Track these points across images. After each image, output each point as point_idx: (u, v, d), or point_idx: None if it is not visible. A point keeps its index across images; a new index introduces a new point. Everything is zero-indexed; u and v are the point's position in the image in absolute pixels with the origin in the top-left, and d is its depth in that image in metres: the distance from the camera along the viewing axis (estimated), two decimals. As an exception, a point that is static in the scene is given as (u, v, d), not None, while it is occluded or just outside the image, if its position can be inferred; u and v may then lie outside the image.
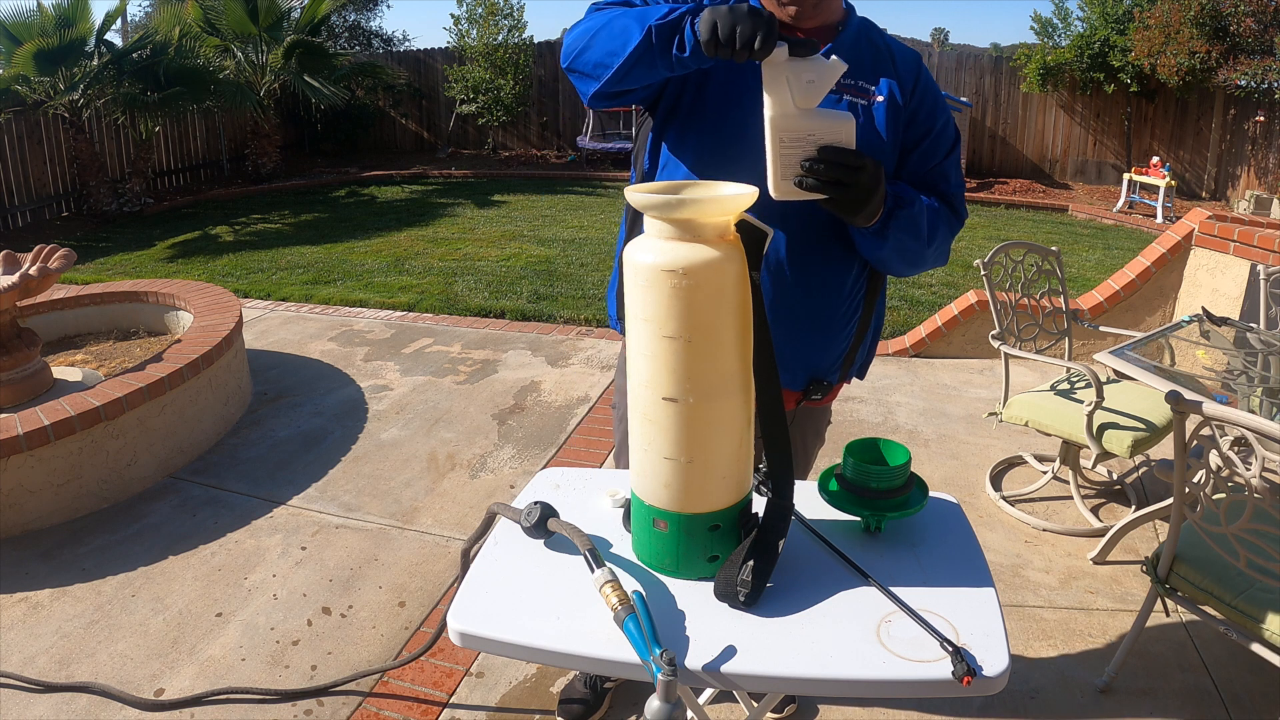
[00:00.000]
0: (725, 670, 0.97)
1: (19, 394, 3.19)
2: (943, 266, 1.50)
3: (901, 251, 1.36)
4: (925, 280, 5.87)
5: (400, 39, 20.52)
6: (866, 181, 1.17)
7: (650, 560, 1.14)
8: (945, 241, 1.41)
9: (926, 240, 1.36)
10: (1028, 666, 2.12)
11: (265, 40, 9.71)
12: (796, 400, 1.54)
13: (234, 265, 6.26)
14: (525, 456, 3.24)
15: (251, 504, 2.90)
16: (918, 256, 1.38)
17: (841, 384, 1.60)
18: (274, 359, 4.20)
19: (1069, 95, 10.44)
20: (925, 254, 1.39)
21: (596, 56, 1.28)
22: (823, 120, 1.14)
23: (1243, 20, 8.44)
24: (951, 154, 1.44)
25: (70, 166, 8.27)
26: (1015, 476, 3.10)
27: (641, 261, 1.02)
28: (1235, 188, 9.45)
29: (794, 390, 1.51)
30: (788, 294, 1.41)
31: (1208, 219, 3.95)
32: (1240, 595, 1.80)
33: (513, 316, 4.99)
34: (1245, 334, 2.75)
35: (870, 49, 1.41)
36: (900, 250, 1.35)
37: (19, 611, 2.35)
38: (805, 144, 1.15)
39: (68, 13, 7.60)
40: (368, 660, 2.16)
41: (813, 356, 1.49)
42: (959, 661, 0.95)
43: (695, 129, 1.41)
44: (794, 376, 1.49)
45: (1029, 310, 3.09)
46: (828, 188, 1.15)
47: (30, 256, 3.19)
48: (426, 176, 10.45)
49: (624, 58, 1.23)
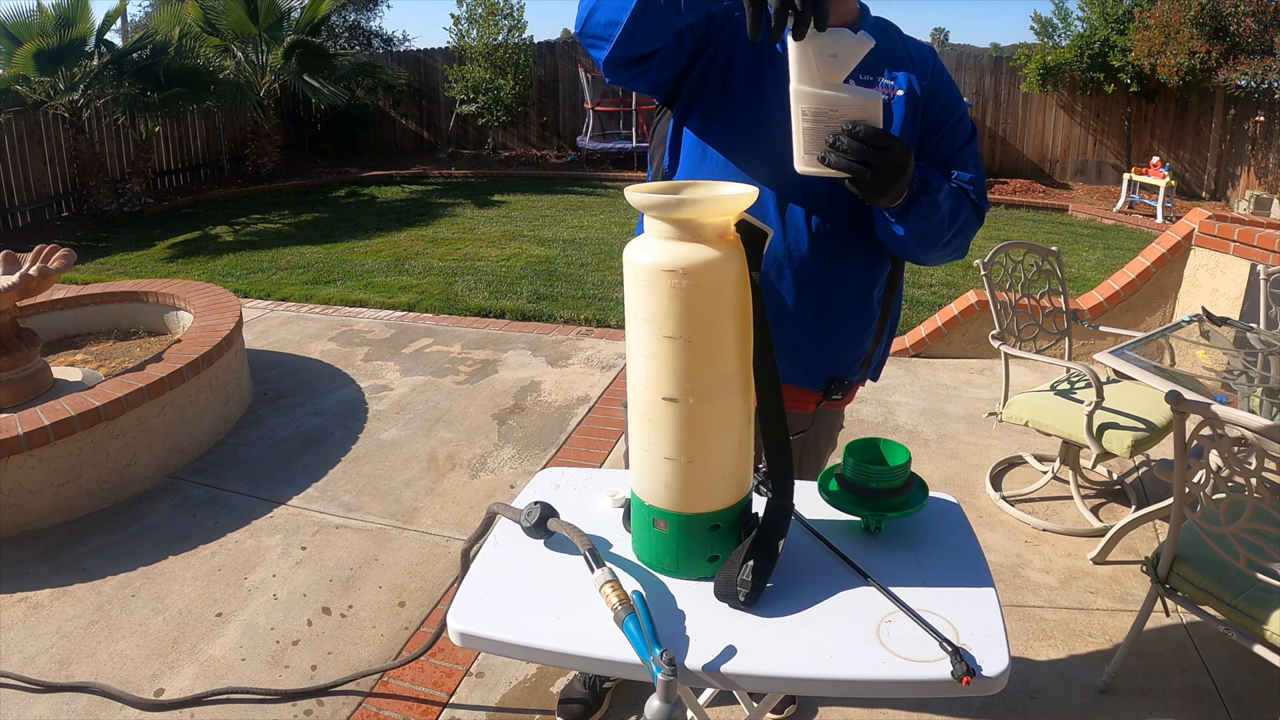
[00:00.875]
0: (725, 670, 0.97)
1: (19, 394, 3.19)
2: (959, 260, 1.48)
3: (921, 236, 1.33)
4: (925, 280, 5.87)
5: (400, 39, 20.52)
6: (894, 162, 1.15)
7: (650, 560, 1.14)
8: (966, 232, 1.39)
9: (947, 225, 1.34)
10: (1028, 666, 2.12)
11: (265, 40, 9.71)
12: (817, 401, 1.53)
13: (234, 265, 6.26)
14: (525, 456, 3.24)
15: (251, 504, 2.90)
16: (937, 242, 1.36)
17: (859, 385, 1.60)
18: (274, 359, 4.20)
19: (1069, 95, 10.44)
20: (945, 241, 1.36)
21: (607, 15, 1.24)
22: (849, 97, 1.13)
23: (1243, 20, 8.44)
24: (969, 145, 1.43)
25: (70, 166, 8.27)
26: (1015, 476, 3.10)
27: (641, 261, 1.02)
28: (1235, 188, 9.45)
29: (815, 390, 1.51)
30: (811, 290, 1.40)
31: (1208, 219, 3.95)
32: (1240, 595, 1.80)
33: (513, 316, 4.99)
34: (1245, 334, 2.75)
35: (887, 45, 1.41)
36: (920, 235, 1.32)
37: (19, 611, 2.35)
38: (830, 119, 1.13)
39: (68, 13, 7.60)
40: (368, 660, 2.16)
41: (834, 355, 1.48)
42: (958, 662, 0.95)
43: (719, 117, 1.39)
44: (815, 376, 1.48)
45: (1029, 310, 3.09)
46: (854, 167, 1.14)
47: (30, 256, 3.19)
48: (426, 176, 10.45)
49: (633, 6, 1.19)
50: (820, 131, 1.15)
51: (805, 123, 1.15)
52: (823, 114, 1.13)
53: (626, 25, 1.21)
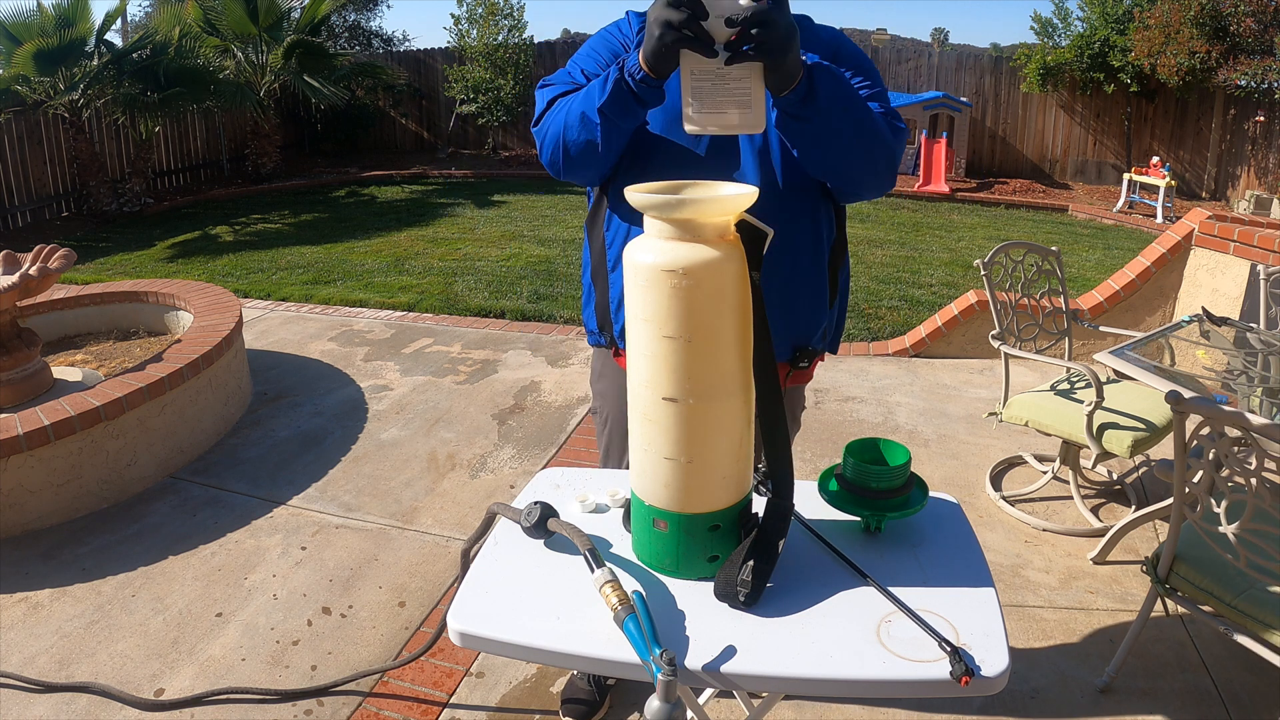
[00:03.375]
0: (725, 670, 0.97)
1: (19, 394, 3.19)
2: (889, 190, 1.46)
3: (837, 135, 1.30)
4: (925, 280, 5.87)
5: (400, 39, 20.53)
6: (777, 19, 1.14)
7: (650, 560, 1.14)
8: (885, 140, 1.36)
9: (861, 117, 1.31)
10: (1028, 666, 2.12)
11: (265, 40, 9.71)
12: (786, 372, 1.57)
13: (234, 265, 6.26)
14: (525, 456, 3.24)
15: (251, 504, 2.90)
16: (854, 144, 1.32)
17: (820, 357, 1.64)
18: (274, 359, 4.20)
19: (1069, 95, 10.45)
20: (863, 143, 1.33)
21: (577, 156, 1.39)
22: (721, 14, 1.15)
23: (1243, 20, 8.44)
24: (878, 94, 1.43)
25: (70, 166, 8.27)
26: (1015, 476, 3.10)
27: (641, 261, 1.02)
28: (1235, 188, 9.45)
29: (783, 361, 1.55)
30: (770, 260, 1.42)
31: (1208, 219, 3.95)
32: (1240, 595, 1.80)
33: (513, 316, 4.99)
34: (1245, 334, 2.75)
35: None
36: (835, 133, 1.29)
37: (19, 611, 2.35)
38: (716, 75, 1.17)
39: (68, 13, 7.61)
40: (368, 660, 2.16)
41: (797, 323, 1.52)
42: (958, 662, 0.95)
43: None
44: (781, 346, 1.52)
45: (1029, 310, 3.09)
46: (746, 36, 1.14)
47: (30, 256, 3.19)
48: (426, 176, 10.45)
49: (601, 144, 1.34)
50: (705, 87, 1.18)
51: (693, 81, 1.18)
52: (707, 71, 1.17)
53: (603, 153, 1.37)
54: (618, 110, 1.30)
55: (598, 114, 1.31)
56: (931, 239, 7.39)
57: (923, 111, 10.28)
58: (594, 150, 1.36)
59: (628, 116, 1.32)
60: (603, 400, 1.78)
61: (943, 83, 11.11)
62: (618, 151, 1.40)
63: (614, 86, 1.28)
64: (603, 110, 1.30)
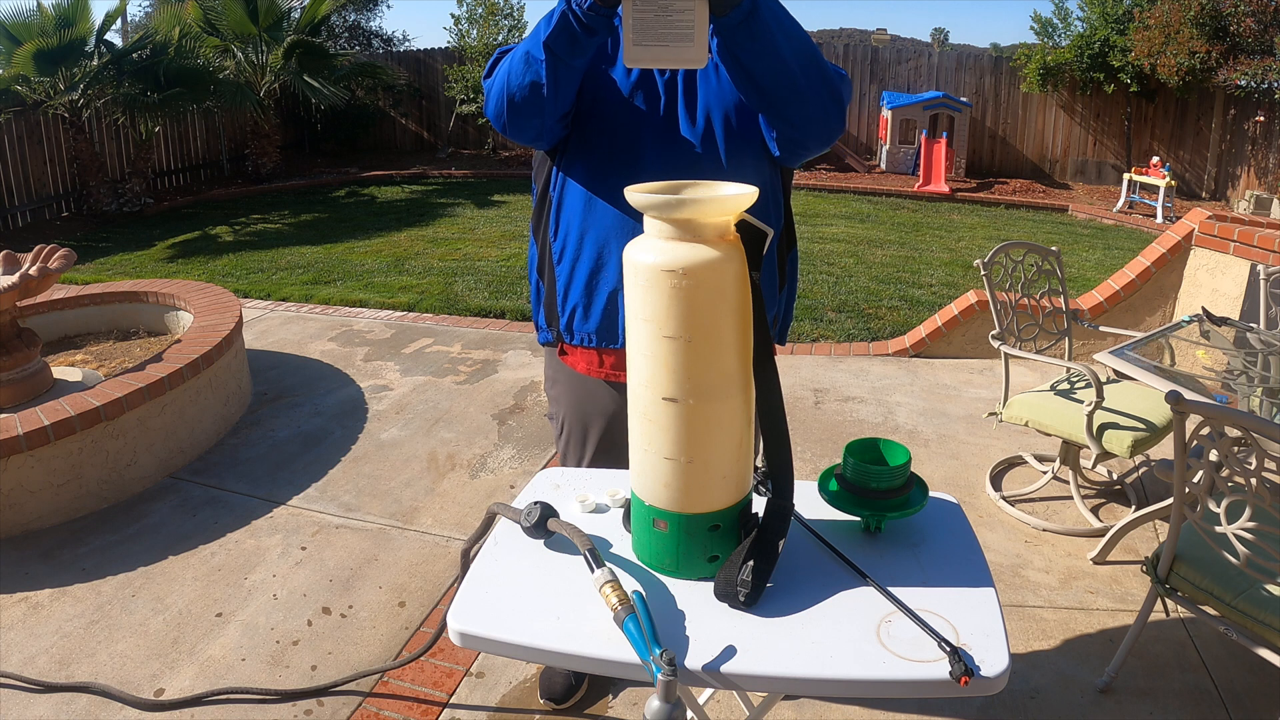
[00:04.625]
0: (725, 670, 0.97)
1: (19, 394, 3.19)
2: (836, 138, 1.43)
3: (782, 62, 1.27)
4: (925, 280, 5.87)
5: (400, 39, 20.50)
6: None
7: (650, 560, 1.14)
8: (828, 72, 1.34)
9: (803, 44, 1.29)
10: (1028, 666, 2.12)
11: (265, 40, 9.71)
12: None
13: (234, 265, 6.26)
14: (525, 456, 3.24)
15: (251, 504, 2.90)
16: (798, 74, 1.30)
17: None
18: (274, 359, 4.20)
19: (1069, 95, 10.45)
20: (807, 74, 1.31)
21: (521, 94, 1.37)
22: None
23: (1243, 20, 8.44)
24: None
25: (70, 166, 8.27)
26: (1015, 476, 3.10)
27: (641, 261, 1.02)
28: (1235, 188, 9.45)
29: None
30: None
31: (1208, 219, 3.95)
32: (1240, 595, 1.80)
33: (513, 316, 4.99)
34: (1245, 334, 2.75)
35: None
36: (780, 60, 1.27)
37: (19, 611, 2.35)
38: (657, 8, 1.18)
39: (68, 13, 7.61)
40: (368, 660, 2.16)
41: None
42: (957, 662, 0.95)
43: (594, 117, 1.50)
44: None
45: (1029, 310, 3.09)
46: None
47: (30, 256, 3.19)
48: (426, 176, 10.45)
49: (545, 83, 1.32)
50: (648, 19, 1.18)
51: (635, 11, 1.18)
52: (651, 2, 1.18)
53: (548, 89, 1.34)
54: (564, 44, 1.27)
55: (542, 48, 1.29)
56: (931, 239, 7.39)
57: (923, 111, 10.29)
58: (539, 93, 1.33)
59: (575, 51, 1.29)
60: (557, 405, 1.79)
61: (943, 83, 11.11)
62: (565, 100, 1.37)
63: (560, 18, 1.25)
64: (548, 44, 1.28)
